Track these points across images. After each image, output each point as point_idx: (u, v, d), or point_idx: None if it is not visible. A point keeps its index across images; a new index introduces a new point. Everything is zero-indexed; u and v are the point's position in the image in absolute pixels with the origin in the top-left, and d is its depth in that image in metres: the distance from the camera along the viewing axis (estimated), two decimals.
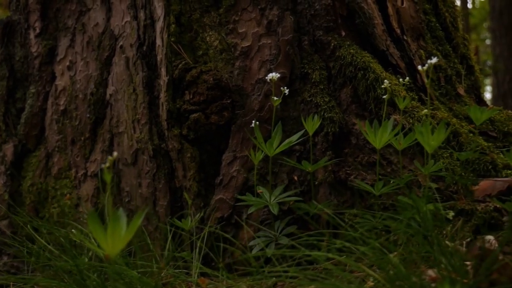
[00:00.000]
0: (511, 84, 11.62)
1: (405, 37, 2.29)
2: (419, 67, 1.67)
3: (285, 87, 1.92)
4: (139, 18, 2.38)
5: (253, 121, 1.98)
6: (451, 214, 1.70)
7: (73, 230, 1.95)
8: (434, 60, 1.60)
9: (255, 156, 1.95)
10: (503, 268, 1.39)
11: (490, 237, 1.74)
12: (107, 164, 1.20)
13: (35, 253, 1.83)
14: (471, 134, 2.15)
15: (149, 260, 1.94)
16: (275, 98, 1.88)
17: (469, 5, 23.61)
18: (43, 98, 2.66)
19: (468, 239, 1.76)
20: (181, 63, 2.21)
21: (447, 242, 1.76)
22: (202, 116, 2.15)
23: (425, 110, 1.91)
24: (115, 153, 1.22)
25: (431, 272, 1.47)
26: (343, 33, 2.19)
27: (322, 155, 2.06)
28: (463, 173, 2.02)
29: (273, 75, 1.84)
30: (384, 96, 1.91)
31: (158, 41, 2.29)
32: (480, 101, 2.54)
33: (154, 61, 2.33)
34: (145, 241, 2.01)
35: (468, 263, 1.43)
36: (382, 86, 1.90)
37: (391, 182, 1.91)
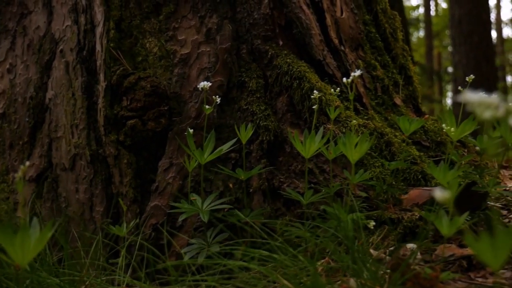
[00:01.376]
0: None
1: (342, 47, 2.34)
2: (344, 79, 1.71)
3: (217, 96, 1.94)
4: (79, 23, 2.37)
5: (188, 129, 1.99)
6: (371, 223, 1.73)
7: None
8: (357, 72, 1.64)
9: (189, 163, 1.96)
10: (415, 277, 1.43)
11: (412, 245, 1.78)
12: (19, 174, 1.20)
13: None
14: (404, 144, 2.21)
15: (84, 267, 1.93)
16: (207, 106, 1.90)
17: (432, 13, 24.05)
18: None
19: (391, 248, 1.81)
20: (119, 69, 2.21)
21: (371, 250, 1.80)
22: (139, 123, 2.15)
23: (354, 121, 1.95)
24: (27, 163, 1.22)
25: (352, 282, 1.50)
26: (281, 43, 2.22)
27: (257, 163, 2.08)
28: (393, 182, 2.06)
29: (205, 84, 1.86)
30: (313, 107, 1.94)
31: (98, 47, 2.28)
32: (418, 110, 2.60)
33: (94, 66, 2.32)
34: (79, 248, 2.01)
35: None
36: (312, 96, 1.93)
37: (323, 190, 1.95)
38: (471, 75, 2.04)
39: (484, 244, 0.82)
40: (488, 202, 2.04)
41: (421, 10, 26.48)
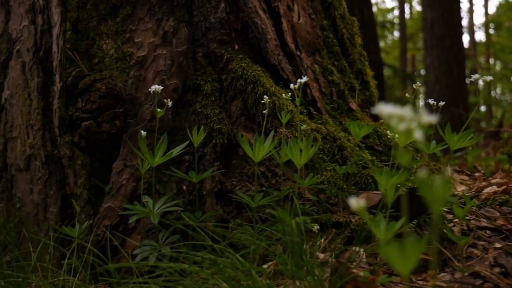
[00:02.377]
0: (440, 94, 12.01)
1: (299, 52, 2.37)
2: (291, 85, 1.74)
3: (169, 100, 1.95)
4: (36, 23, 2.36)
5: (140, 131, 2.01)
6: (315, 227, 1.77)
7: None
8: (304, 79, 1.67)
9: (142, 166, 1.97)
10: (354, 280, 1.47)
11: (358, 249, 1.82)
12: None
13: None
14: (357, 148, 2.25)
15: (34, 269, 1.93)
16: (159, 109, 1.91)
17: (407, 15, 24.31)
18: None
19: (338, 251, 1.84)
20: (75, 70, 2.21)
21: (318, 253, 1.84)
22: (93, 124, 2.15)
23: (304, 125, 1.98)
24: None
25: (298, 283, 1.53)
26: (237, 47, 2.24)
27: (210, 166, 2.10)
28: (344, 186, 2.10)
29: (156, 88, 1.87)
30: (264, 111, 1.97)
31: (54, 47, 2.28)
32: (374, 115, 2.64)
33: (50, 67, 2.31)
34: (30, 249, 2.00)
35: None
36: (262, 101, 1.96)
37: (275, 194, 1.98)
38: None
39: (394, 251, 0.85)
40: None
41: (396, 12, 26.79)
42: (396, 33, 25.55)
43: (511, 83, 27.00)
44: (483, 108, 25.06)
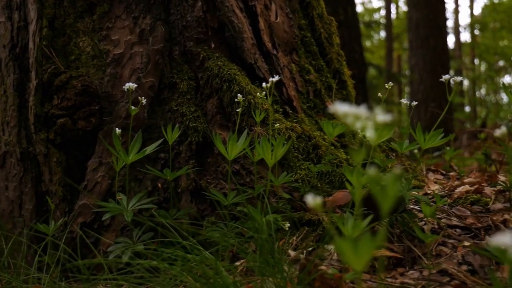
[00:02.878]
0: (425, 94, 12.10)
1: (275, 51, 2.38)
2: (264, 84, 1.75)
3: (143, 97, 1.96)
4: (13, 19, 2.36)
5: (114, 129, 2.01)
6: (286, 225, 1.78)
7: None
8: (276, 78, 1.69)
9: (117, 163, 1.97)
10: (321, 277, 1.48)
11: (330, 247, 1.84)
12: None
13: None
14: (332, 147, 2.27)
15: (8, 266, 1.94)
16: (133, 107, 1.92)
17: (393, 15, 24.42)
18: None
19: (310, 249, 1.86)
20: (51, 67, 2.21)
21: (290, 251, 1.85)
22: (69, 121, 2.15)
23: (277, 124, 2.00)
24: None
25: (267, 281, 1.54)
26: (213, 45, 2.25)
27: (185, 164, 2.11)
28: (318, 185, 2.12)
29: (130, 85, 1.88)
30: (238, 110, 1.98)
31: (31, 44, 2.28)
32: None
33: (26, 64, 2.31)
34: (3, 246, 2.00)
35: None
36: (236, 100, 1.97)
37: (249, 192, 1.99)
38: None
39: (348, 248, 0.87)
40: (409, 205, 2.12)
41: (383, 12, 26.91)
42: (383, 33, 25.68)
43: (496, 84, 27.24)
44: (468, 109, 25.27)
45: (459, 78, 1.83)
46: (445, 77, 1.82)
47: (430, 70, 12.21)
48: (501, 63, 27.55)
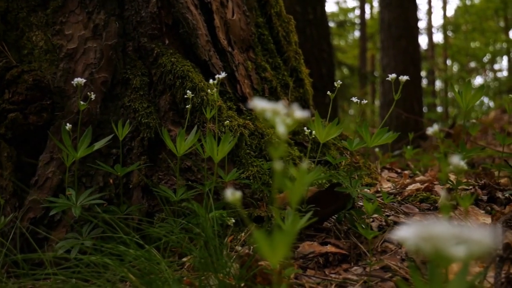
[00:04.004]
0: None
1: (230, 49, 2.39)
2: (211, 81, 1.76)
3: (92, 93, 1.96)
4: None
5: (64, 124, 2.00)
6: (231, 221, 1.80)
7: None
8: (222, 75, 1.70)
9: (67, 158, 1.97)
10: (261, 272, 1.50)
11: None
12: None
13: None
14: (286, 145, 2.29)
15: None
16: (82, 102, 1.91)
17: (368, 16, 24.61)
18: None
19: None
20: (2, 61, 2.19)
21: (238, 247, 1.87)
22: (20, 116, 2.14)
23: (227, 121, 2.01)
24: None
25: (209, 276, 1.55)
26: (167, 42, 2.26)
27: (137, 159, 2.11)
28: (270, 181, 2.14)
29: (79, 80, 1.87)
30: (190, 106, 1.99)
31: None
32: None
33: None
34: None
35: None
36: (185, 96, 1.98)
37: (199, 188, 2.00)
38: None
39: (265, 242, 0.88)
40: (358, 203, 2.15)
41: (357, 12, 27.09)
42: (357, 33, 25.86)
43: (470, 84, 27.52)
44: (440, 109, 25.58)
45: (404, 77, 1.87)
46: (392, 76, 1.86)
47: (401, 70, 12.31)
48: (472, 64, 27.95)
